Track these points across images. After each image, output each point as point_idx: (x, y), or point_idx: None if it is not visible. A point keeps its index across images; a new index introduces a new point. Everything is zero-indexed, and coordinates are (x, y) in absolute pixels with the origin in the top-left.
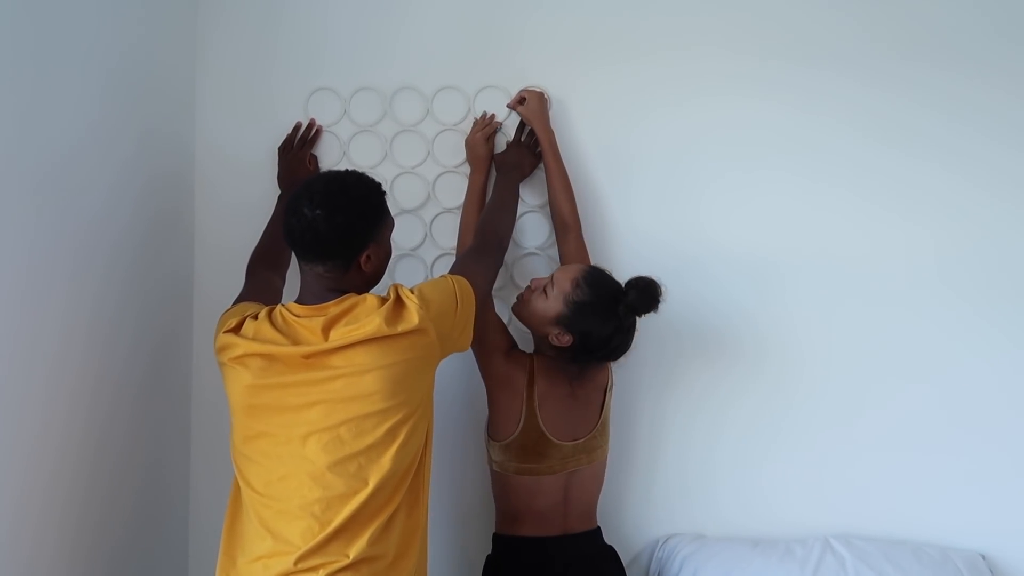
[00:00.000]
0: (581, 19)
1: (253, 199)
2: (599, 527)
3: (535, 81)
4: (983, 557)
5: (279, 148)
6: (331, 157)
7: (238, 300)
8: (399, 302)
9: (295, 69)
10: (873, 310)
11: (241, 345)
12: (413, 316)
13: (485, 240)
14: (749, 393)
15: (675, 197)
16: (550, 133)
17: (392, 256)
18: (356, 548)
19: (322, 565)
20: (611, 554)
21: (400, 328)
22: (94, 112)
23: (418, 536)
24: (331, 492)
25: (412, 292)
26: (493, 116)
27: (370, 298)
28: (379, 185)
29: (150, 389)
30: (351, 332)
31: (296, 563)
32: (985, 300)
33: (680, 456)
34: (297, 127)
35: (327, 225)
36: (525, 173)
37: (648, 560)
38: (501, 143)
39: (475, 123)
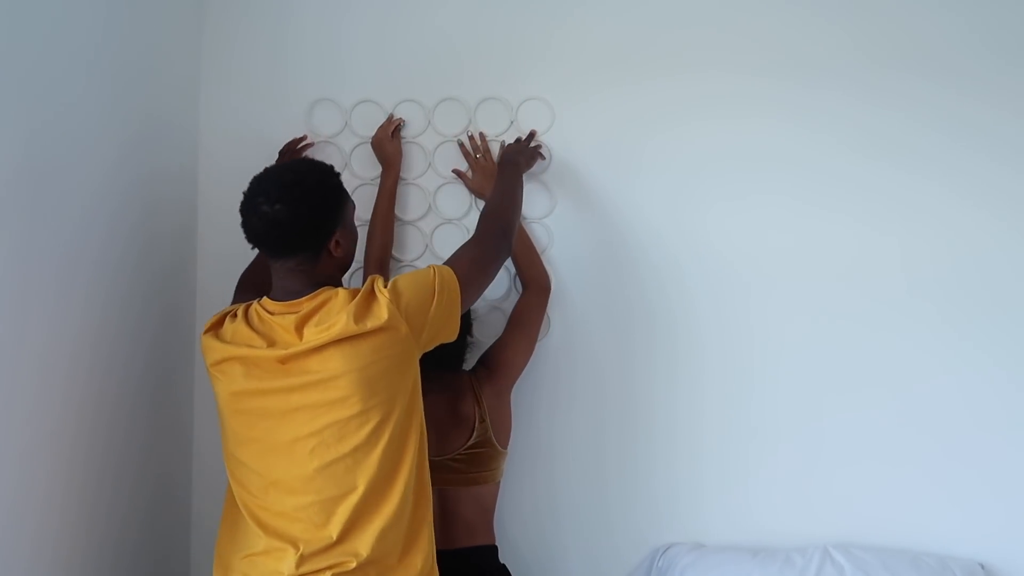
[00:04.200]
0: (580, 33)
1: None
2: (494, 545)
3: (536, 93)
4: (982, 566)
5: (280, 152)
6: None
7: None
8: (371, 295)
9: (297, 81)
10: (870, 322)
11: (218, 349)
12: (382, 311)
13: (482, 227)
14: (750, 402)
15: (674, 214)
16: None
17: (393, 267)
18: (363, 548)
19: (329, 568)
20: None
21: (369, 324)
22: (95, 115)
23: (425, 531)
24: (322, 496)
25: (386, 286)
26: (396, 118)
27: (342, 292)
28: (332, 168)
29: (151, 387)
30: (322, 333)
31: (299, 565)
32: (983, 311)
33: (680, 464)
34: (302, 138)
35: (290, 218)
36: (523, 163)
37: (648, 569)
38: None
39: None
